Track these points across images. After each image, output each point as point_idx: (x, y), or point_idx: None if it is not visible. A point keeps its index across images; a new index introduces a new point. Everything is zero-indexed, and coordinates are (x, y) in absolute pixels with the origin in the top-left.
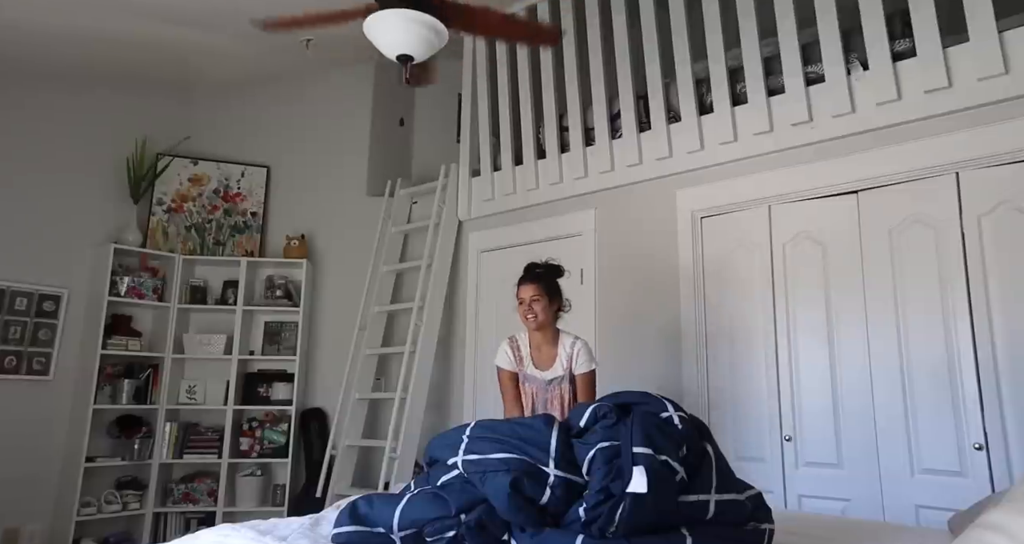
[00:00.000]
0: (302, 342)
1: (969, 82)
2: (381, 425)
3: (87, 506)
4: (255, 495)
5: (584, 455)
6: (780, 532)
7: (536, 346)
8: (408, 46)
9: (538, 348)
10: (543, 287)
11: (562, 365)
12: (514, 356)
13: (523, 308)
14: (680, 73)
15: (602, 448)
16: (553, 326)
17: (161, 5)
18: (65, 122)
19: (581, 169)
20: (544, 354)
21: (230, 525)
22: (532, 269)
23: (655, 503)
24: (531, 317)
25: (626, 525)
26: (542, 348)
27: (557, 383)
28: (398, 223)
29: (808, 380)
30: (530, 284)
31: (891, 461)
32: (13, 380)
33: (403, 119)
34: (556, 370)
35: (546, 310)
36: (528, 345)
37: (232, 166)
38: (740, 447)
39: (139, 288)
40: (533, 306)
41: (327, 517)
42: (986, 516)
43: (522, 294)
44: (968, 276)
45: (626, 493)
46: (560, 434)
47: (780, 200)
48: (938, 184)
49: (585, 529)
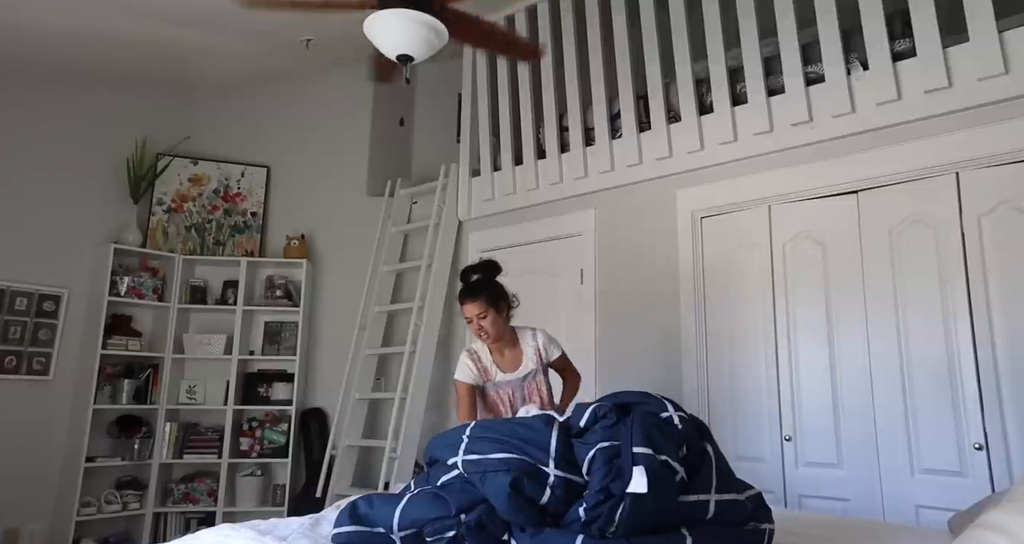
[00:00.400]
0: (302, 342)
1: (969, 82)
2: (381, 425)
3: (87, 506)
4: (255, 495)
5: (584, 455)
6: (780, 532)
7: (498, 352)
8: (408, 46)
9: (500, 353)
10: (485, 300)
11: (532, 360)
12: (477, 369)
13: (473, 327)
14: (680, 73)
15: (602, 448)
16: (508, 329)
17: (161, 5)
18: (65, 122)
19: (581, 169)
20: (508, 357)
21: (230, 525)
22: (468, 279)
23: (655, 503)
24: (484, 336)
25: (626, 525)
26: (504, 352)
27: (531, 378)
28: (398, 223)
29: (808, 380)
30: (471, 303)
31: (891, 461)
32: (13, 380)
33: (403, 119)
34: (527, 366)
35: (496, 322)
36: (489, 353)
37: (232, 166)
38: (740, 447)
39: (139, 288)
40: (482, 324)
41: (327, 517)
42: (986, 516)
43: (467, 313)
44: (968, 276)
45: (626, 493)
46: (560, 434)
47: (780, 200)
48: (938, 184)
49: (585, 529)
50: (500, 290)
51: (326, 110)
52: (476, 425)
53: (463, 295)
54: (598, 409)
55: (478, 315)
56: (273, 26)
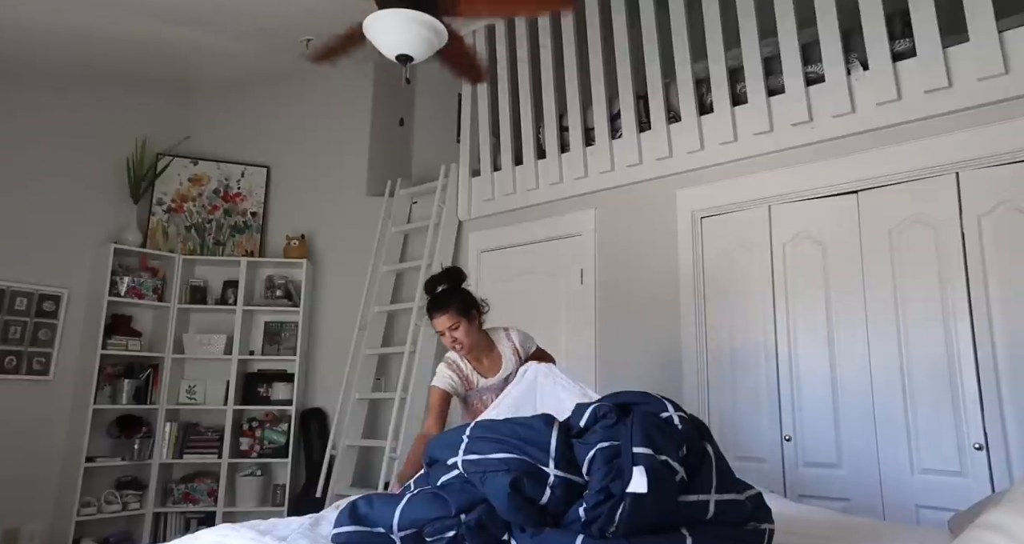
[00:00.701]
0: (302, 342)
1: (969, 82)
2: (381, 425)
3: (87, 506)
4: (255, 495)
5: (584, 455)
6: (780, 532)
7: (476, 359)
8: (408, 46)
9: (479, 360)
10: (456, 311)
11: (511, 361)
12: (459, 378)
13: (446, 339)
14: (680, 73)
15: (602, 448)
16: (482, 335)
17: (161, 5)
18: (65, 122)
19: (581, 169)
20: (487, 363)
21: (230, 525)
22: (433, 291)
23: (655, 503)
24: (459, 347)
25: (626, 525)
26: (482, 359)
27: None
28: (398, 223)
29: (808, 380)
30: (441, 315)
31: (891, 461)
32: (13, 380)
33: (403, 119)
34: (507, 368)
35: (469, 331)
36: (467, 362)
37: (232, 166)
38: (740, 447)
39: (139, 288)
40: (455, 335)
41: (327, 517)
42: (986, 516)
43: (438, 327)
44: (968, 276)
45: (626, 493)
46: (560, 434)
47: (780, 200)
48: (938, 184)
49: (585, 529)
50: (469, 298)
51: (326, 110)
52: (476, 425)
53: (431, 308)
54: (598, 409)
55: (450, 327)
56: (273, 26)
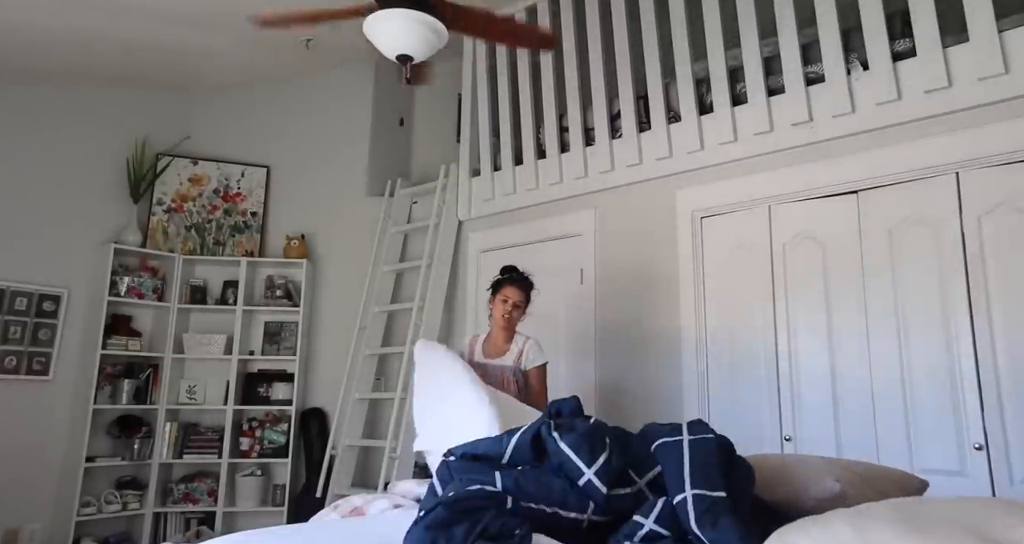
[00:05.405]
0: (302, 342)
1: (969, 82)
2: (381, 425)
3: (87, 506)
4: (255, 495)
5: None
6: None
7: (492, 340)
8: (408, 46)
9: (493, 341)
10: (525, 296)
11: (512, 357)
12: (467, 351)
13: (505, 307)
14: (680, 73)
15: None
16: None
17: (161, 6)
18: (65, 122)
19: (581, 169)
20: (495, 346)
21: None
22: (517, 271)
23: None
24: (505, 318)
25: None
26: (497, 342)
27: (509, 372)
28: (398, 223)
29: (808, 380)
30: (519, 289)
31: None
32: (13, 380)
33: (403, 119)
34: (505, 360)
35: (520, 315)
36: (483, 342)
37: (232, 166)
38: (740, 447)
39: (139, 288)
40: (512, 310)
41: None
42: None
43: (509, 295)
44: (968, 276)
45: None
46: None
47: (780, 200)
48: (938, 184)
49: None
50: (532, 293)
51: (326, 110)
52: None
53: (515, 281)
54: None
55: (515, 302)
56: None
